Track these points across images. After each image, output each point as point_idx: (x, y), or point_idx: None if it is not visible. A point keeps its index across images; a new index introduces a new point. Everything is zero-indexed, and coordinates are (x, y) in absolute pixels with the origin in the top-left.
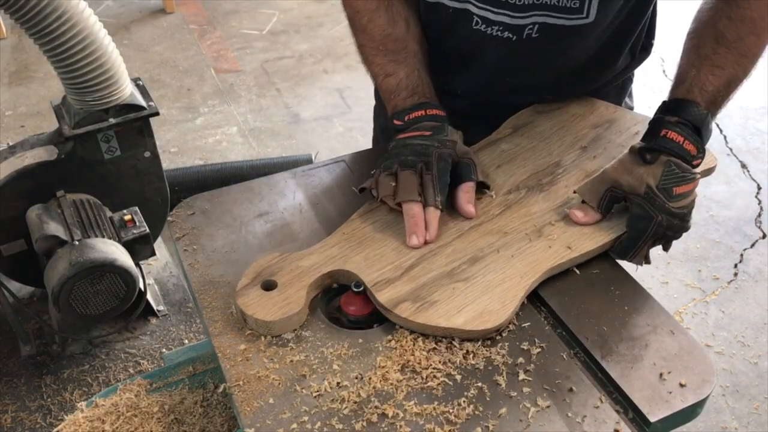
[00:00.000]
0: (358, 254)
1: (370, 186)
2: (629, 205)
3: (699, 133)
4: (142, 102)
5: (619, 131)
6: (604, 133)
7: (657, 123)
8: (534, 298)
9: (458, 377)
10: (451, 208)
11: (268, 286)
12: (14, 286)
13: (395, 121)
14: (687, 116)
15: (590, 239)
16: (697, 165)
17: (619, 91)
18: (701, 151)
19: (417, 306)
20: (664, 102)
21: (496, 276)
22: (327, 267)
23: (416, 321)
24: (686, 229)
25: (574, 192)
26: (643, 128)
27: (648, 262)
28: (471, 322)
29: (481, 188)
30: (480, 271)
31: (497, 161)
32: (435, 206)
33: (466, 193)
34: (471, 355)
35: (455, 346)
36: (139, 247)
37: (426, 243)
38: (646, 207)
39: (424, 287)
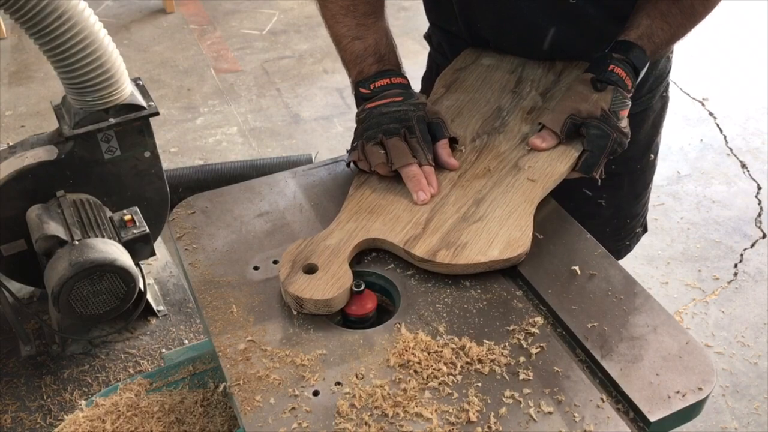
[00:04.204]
0: (374, 222)
1: (357, 158)
2: (586, 129)
3: (636, 73)
4: (142, 102)
5: (534, 71)
6: (521, 75)
7: (605, 58)
8: (534, 297)
9: (459, 377)
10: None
11: (310, 269)
12: (14, 286)
13: (361, 89)
14: (632, 57)
15: (560, 162)
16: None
17: None
18: (633, 88)
19: (452, 251)
20: (616, 41)
21: (503, 210)
22: (354, 240)
23: (458, 263)
24: (626, 146)
25: (539, 123)
26: (549, 65)
27: (603, 176)
28: (504, 252)
29: (452, 143)
30: (488, 209)
31: (449, 117)
32: (429, 164)
33: (444, 149)
34: (471, 356)
35: (455, 346)
36: (139, 247)
37: (431, 197)
38: (603, 127)
39: (450, 234)
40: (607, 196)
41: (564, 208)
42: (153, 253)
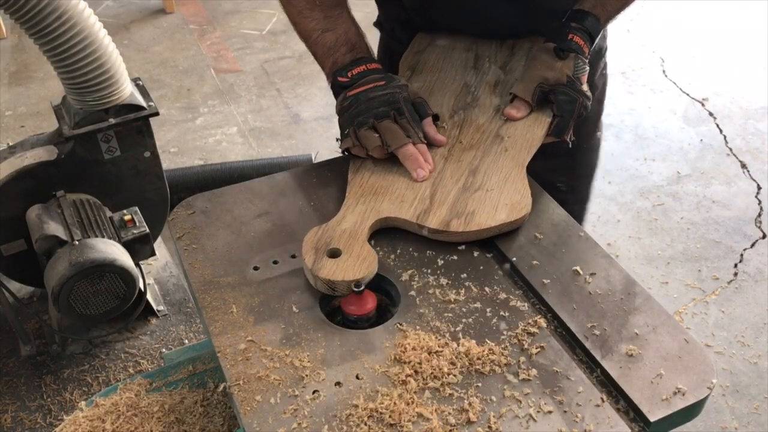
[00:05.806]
0: (382, 203)
1: (351, 145)
2: (554, 95)
3: (592, 40)
4: (142, 102)
5: (488, 48)
6: (477, 52)
7: (564, 28)
8: (534, 297)
9: (459, 377)
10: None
11: (333, 254)
12: (14, 286)
13: (339, 78)
14: (587, 25)
15: (537, 128)
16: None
17: None
18: (590, 54)
19: (463, 219)
20: (572, 10)
21: (498, 177)
22: (368, 221)
23: (471, 230)
24: (589, 108)
25: (510, 93)
26: (500, 41)
27: (573, 138)
28: (511, 214)
29: (434, 120)
30: (484, 178)
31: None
32: (421, 141)
33: (430, 127)
34: (472, 355)
35: (456, 346)
36: (139, 247)
37: (429, 173)
38: (570, 92)
39: (456, 204)
40: (565, 179)
41: None
42: (153, 253)
